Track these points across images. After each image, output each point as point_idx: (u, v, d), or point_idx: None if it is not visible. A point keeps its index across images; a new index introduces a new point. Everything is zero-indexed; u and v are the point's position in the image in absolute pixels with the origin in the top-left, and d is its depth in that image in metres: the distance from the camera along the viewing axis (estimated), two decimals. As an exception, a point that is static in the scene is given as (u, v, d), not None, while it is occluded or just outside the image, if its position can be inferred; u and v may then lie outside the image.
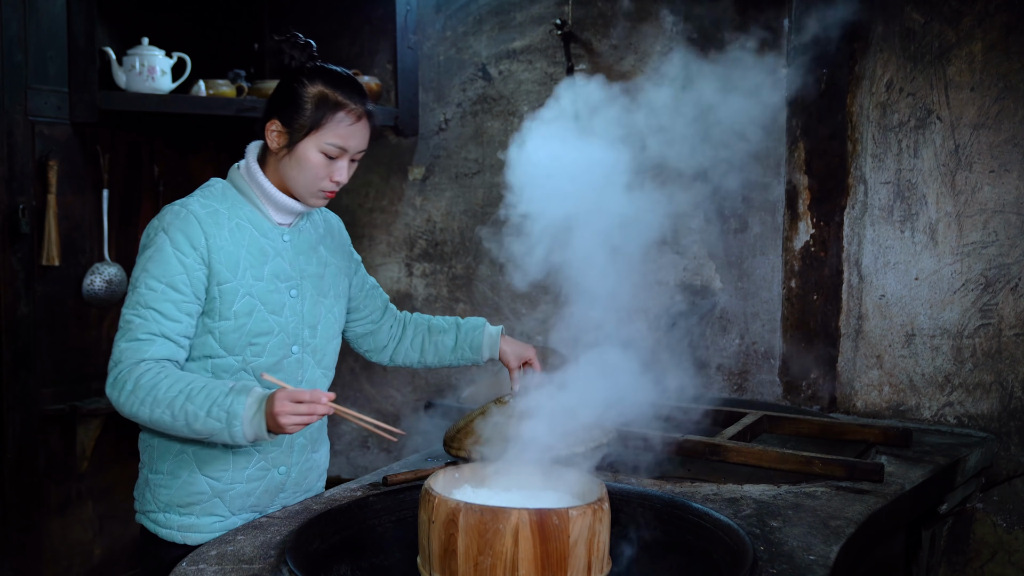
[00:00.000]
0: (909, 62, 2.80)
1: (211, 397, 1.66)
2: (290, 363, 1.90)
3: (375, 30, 3.63)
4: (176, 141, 3.53)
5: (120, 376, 1.71)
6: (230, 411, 1.64)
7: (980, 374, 2.74)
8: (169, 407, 1.67)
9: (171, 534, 1.86)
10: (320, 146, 1.81)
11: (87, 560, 3.28)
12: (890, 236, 2.85)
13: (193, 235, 1.77)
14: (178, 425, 1.67)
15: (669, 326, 3.25)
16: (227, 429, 1.65)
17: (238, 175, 1.90)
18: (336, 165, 1.84)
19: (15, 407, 2.97)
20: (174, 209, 1.81)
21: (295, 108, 1.80)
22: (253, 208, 1.87)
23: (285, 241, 1.90)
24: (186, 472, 1.85)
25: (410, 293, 3.67)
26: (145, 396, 1.68)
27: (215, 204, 1.84)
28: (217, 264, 1.79)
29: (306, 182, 1.84)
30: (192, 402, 1.66)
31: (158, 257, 1.76)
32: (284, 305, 1.88)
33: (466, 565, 1.46)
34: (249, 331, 1.83)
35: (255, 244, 1.85)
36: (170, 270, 1.75)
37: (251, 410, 1.65)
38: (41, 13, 2.96)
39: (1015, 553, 2.73)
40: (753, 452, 2.26)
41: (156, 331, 1.74)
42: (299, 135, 1.81)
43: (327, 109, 1.80)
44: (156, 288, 1.74)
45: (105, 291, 3.22)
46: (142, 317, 1.74)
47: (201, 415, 1.65)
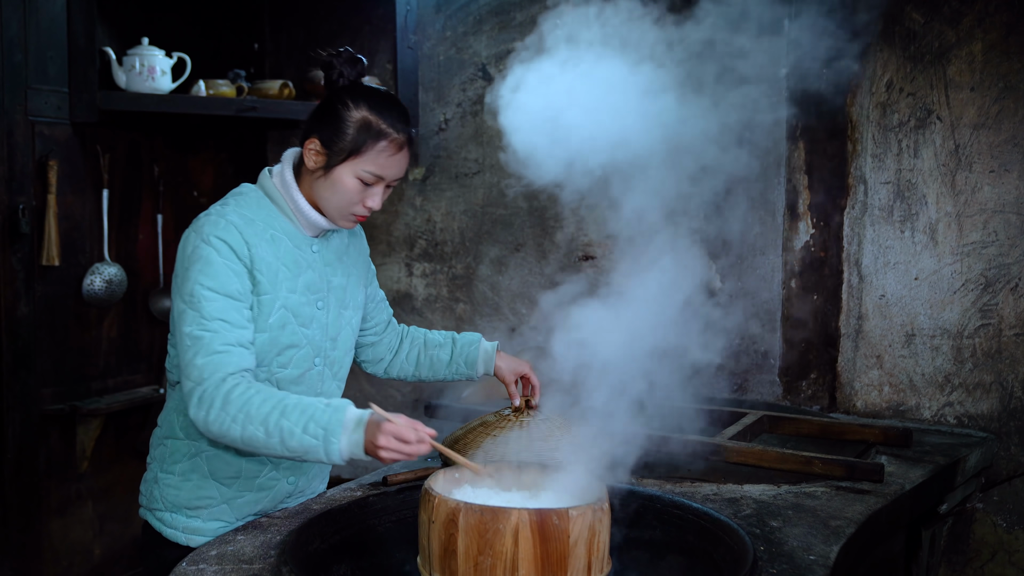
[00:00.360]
0: (909, 62, 2.80)
1: (307, 413, 1.61)
2: (311, 376, 1.89)
3: (375, 30, 3.63)
4: (176, 141, 3.53)
5: (206, 394, 1.65)
6: (327, 428, 1.59)
7: (980, 374, 2.74)
8: (263, 424, 1.61)
9: (175, 535, 1.86)
10: (357, 172, 1.76)
11: (87, 560, 3.28)
12: (890, 236, 2.85)
13: (236, 244, 1.73)
14: (272, 442, 1.62)
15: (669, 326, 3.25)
16: (323, 446, 1.59)
17: (271, 183, 1.84)
18: (371, 191, 1.80)
19: (15, 407, 2.97)
20: (211, 219, 1.75)
21: (336, 131, 1.75)
22: (286, 219, 1.83)
23: (315, 252, 1.87)
24: (198, 476, 1.84)
25: (410, 293, 3.67)
26: (236, 413, 1.62)
27: (250, 214, 1.79)
28: (259, 275, 1.76)
29: (339, 205, 1.80)
30: (287, 418, 1.60)
31: (209, 269, 1.70)
32: (313, 318, 1.86)
33: (466, 565, 1.46)
34: (280, 344, 1.81)
35: (290, 256, 1.82)
36: (224, 280, 1.71)
37: (348, 428, 1.60)
38: (41, 13, 2.96)
39: (1015, 553, 2.73)
40: (753, 452, 2.26)
41: (231, 341, 1.69)
42: (337, 159, 1.76)
43: (369, 136, 1.75)
44: (215, 299, 1.70)
45: (105, 291, 3.22)
46: (211, 330, 1.68)
47: (297, 432, 1.60)
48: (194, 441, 1.84)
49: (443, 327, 3.62)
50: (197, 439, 1.84)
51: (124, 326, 3.38)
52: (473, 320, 3.55)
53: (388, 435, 1.57)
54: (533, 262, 3.44)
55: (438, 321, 3.62)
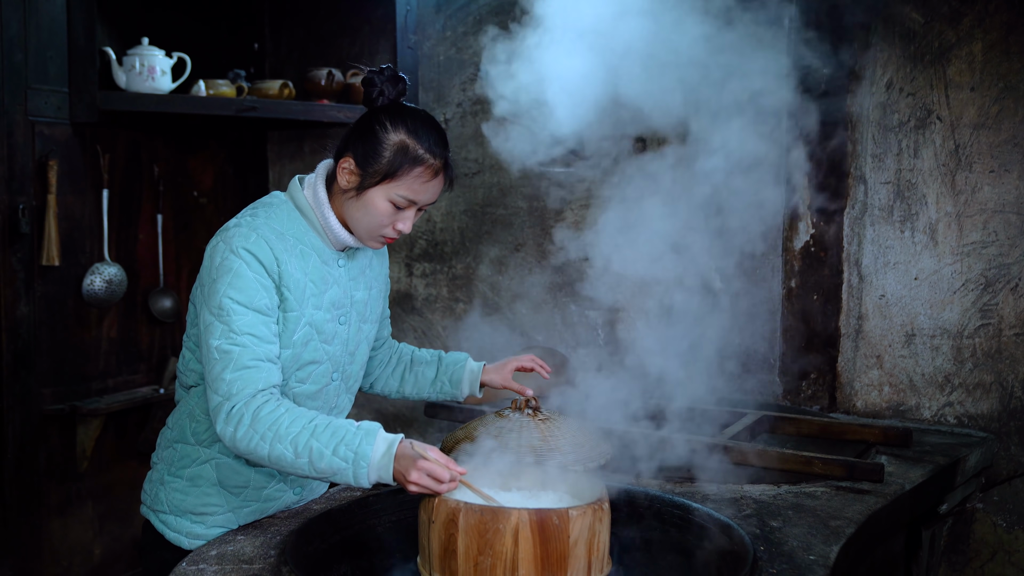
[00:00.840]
0: (909, 62, 2.80)
1: (337, 435, 1.59)
2: (329, 391, 1.87)
3: (375, 30, 3.63)
4: (176, 141, 3.53)
5: (235, 411, 1.63)
6: (358, 452, 1.58)
7: (980, 374, 2.74)
8: (292, 444, 1.60)
9: (178, 538, 1.85)
10: (391, 196, 1.73)
11: (87, 560, 3.28)
12: (890, 236, 2.85)
13: (266, 258, 1.70)
14: (300, 463, 1.60)
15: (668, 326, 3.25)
16: (352, 470, 1.58)
17: (301, 196, 1.80)
18: (403, 215, 1.76)
19: (15, 407, 2.97)
20: (242, 231, 1.71)
21: (373, 152, 1.72)
22: (315, 234, 1.81)
23: (340, 267, 1.85)
24: (205, 483, 1.83)
25: (410, 293, 3.67)
26: (265, 431, 1.61)
27: (280, 227, 1.76)
28: (286, 291, 1.74)
29: (369, 227, 1.77)
30: (317, 439, 1.59)
31: (239, 283, 1.67)
32: (336, 335, 1.84)
33: (466, 565, 1.46)
34: (301, 360, 1.79)
35: (318, 272, 1.79)
36: (254, 294, 1.68)
37: (379, 452, 1.58)
38: (41, 13, 2.96)
39: (1015, 553, 2.73)
40: (753, 452, 2.26)
41: (261, 356, 1.67)
42: (371, 180, 1.73)
43: (406, 161, 1.71)
44: (245, 314, 1.67)
45: (105, 291, 3.22)
46: (240, 345, 1.66)
47: (327, 454, 1.58)
48: (205, 448, 1.83)
49: (443, 327, 3.62)
50: (208, 446, 1.83)
51: (124, 326, 3.38)
52: (473, 320, 3.55)
53: (422, 472, 1.54)
54: (533, 262, 3.44)
55: (438, 321, 3.62)
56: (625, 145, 3.26)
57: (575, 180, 3.35)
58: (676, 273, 3.23)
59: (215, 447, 1.82)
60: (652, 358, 3.27)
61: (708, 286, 3.19)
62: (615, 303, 3.32)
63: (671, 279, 3.24)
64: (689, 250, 3.21)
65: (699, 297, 3.20)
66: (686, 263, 3.21)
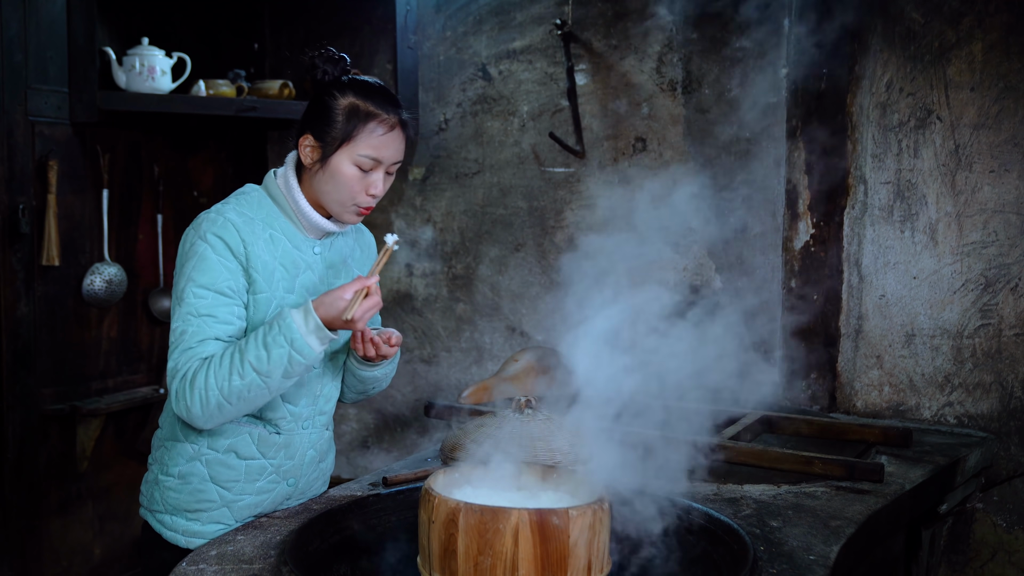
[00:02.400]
0: (909, 62, 2.80)
1: (258, 337, 1.67)
2: (311, 377, 1.90)
3: (375, 30, 3.63)
4: (176, 141, 3.53)
5: (180, 388, 1.70)
6: (283, 330, 1.66)
7: (980, 374, 2.74)
8: (230, 374, 1.67)
9: (175, 537, 1.86)
10: (353, 158, 1.78)
11: (87, 560, 3.28)
12: (890, 236, 2.85)
13: (232, 242, 1.76)
14: (251, 379, 1.67)
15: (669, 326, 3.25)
16: (290, 348, 1.66)
17: (274, 184, 1.86)
18: (371, 178, 1.80)
19: (15, 407, 2.97)
20: (210, 216, 1.78)
21: (327, 121, 1.78)
22: (287, 219, 1.85)
23: (316, 254, 1.88)
24: (197, 479, 1.84)
25: (410, 293, 3.67)
26: (203, 383, 1.68)
27: (250, 213, 1.81)
28: (254, 273, 1.78)
29: (340, 197, 1.81)
30: (247, 353, 1.67)
31: (202, 266, 1.74)
32: None
33: (466, 565, 1.46)
34: None
35: (288, 256, 1.83)
36: (217, 277, 1.74)
37: (299, 317, 1.67)
38: (41, 13, 2.96)
39: (1015, 553, 2.73)
40: (753, 452, 2.26)
41: (209, 335, 1.72)
42: (332, 148, 1.78)
43: (358, 120, 1.77)
44: (205, 296, 1.73)
45: (105, 291, 3.22)
46: (194, 326, 1.72)
47: (264, 355, 1.66)
48: (192, 444, 1.84)
49: (443, 327, 3.62)
50: (196, 441, 1.84)
51: (124, 326, 3.38)
52: (473, 320, 3.55)
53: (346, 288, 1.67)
54: (533, 262, 3.44)
55: (438, 321, 3.62)
56: (625, 145, 3.26)
57: (575, 180, 3.35)
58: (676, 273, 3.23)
59: (202, 442, 1.84)
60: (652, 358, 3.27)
61: (708, 286, 3.19)
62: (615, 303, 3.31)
63: (671, 279, 3.24)
64: (689, 250, 3.21)
65: (699, 297, 3.21)
66: (686, 263, 3.22)
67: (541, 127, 3.38)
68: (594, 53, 3.28)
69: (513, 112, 3.43)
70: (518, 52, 3.41)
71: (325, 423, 1.99)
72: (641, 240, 3.27)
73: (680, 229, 3.22)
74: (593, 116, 3.29)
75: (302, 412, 1.90)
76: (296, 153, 1.87)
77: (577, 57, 3.29)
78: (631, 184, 3.27)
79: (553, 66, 3.35)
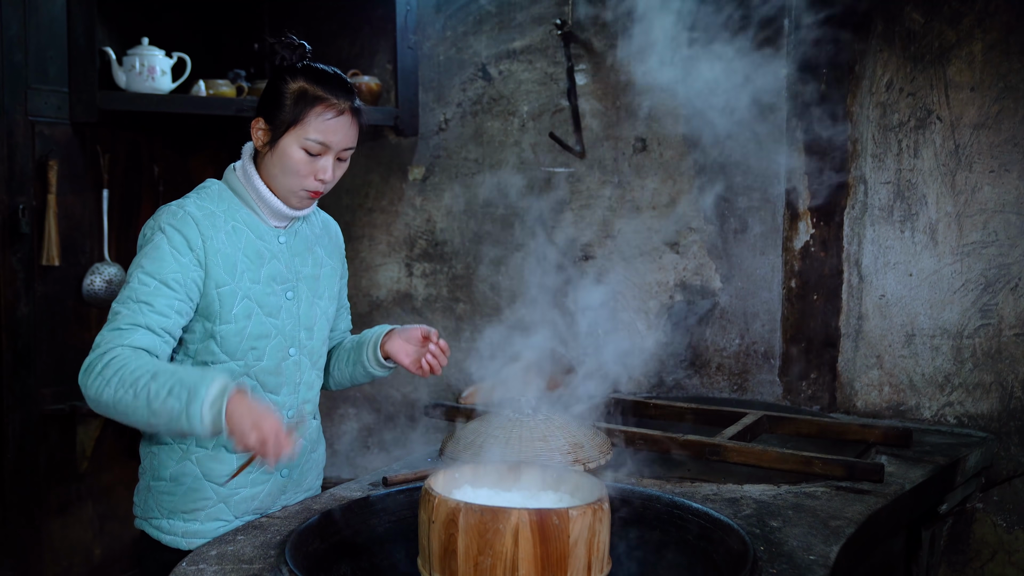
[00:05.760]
0: (909, 62, 2.80)
1: (176, 376, 1.57)
2: (288, 366, 1.90)
3: (375, 30, 3.63)
4: (176, 141, 3.53)
5: (92, 361, 1.65)
6: (191, 391, 1.53)
7: (980, 374, 2.74)
8: (132, 386, 1.58)
9: (175, 540, 1.85)
10: (301, 142, 1.79)
11: (87, 560, 3.28)
12: (890, 236, 2.85)
13: (190, 236, 1.76)
14: (138, 405, 1.57)
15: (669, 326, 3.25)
16: (185, 410, 1.53)
17: (234, 176, 1.89)
18: (319, 163, 1.81)
19: (15, 407, 2.97)
20: (171, 209, 1.80)
21: (277, 105, 1.80)
22: (249, 210, 1.87)
23: (281, 243, 1.90)
24: (190, 479, 1.84)
25: (410, 293, 3.67)
26: (112, 376, 1.60)
27: (211, 206, 1.83)
28: (215, 267, 1.78)
29: (288, 181, 1.82)
30: (156, 381, 1.57)
31: (154, 254, 1.74)
32: (281, 308, 1.87)
33: (466, 565, 1.46)
34: (249, 334, 1.83)
35: (251, 247, 1.84)
36: (164, 267, 1.73)
37: (213, 392, 1.54)
38: (41, 13, 2.96)
39: (1015, 553, 2.73)
40: (753, 452, 2.26)
41: (141, 322, 1.69)
42: (280, 131, 1.79)
43: (306, 104, 1.78)
44: (149, 284, 1.72)
45: (105, 291, 3.22)
46: (129, 309, 1.70)
47: (163, 394, 1.55)
48: (180, 444, 1.84)
49: (443, 327, 3.62)
50: (184, 442, 1.84)
51: (124, 326, 3.37)
52: (473, 320, 3.55)
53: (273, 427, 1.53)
54: (533, 262, 3.44)
55: (438, 321, 3.62)
56: (625, 145, 3.26)
57: (575, 180, 3.35)
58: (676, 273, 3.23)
59: (190, 441, 1.84)
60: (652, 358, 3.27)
61: (708, 286, 3.19)
62: (615, 303, 3.32)
63: (671, 279, 3.24)
64: (689, 250, 3.21)
65: (699, 297, 3.21)
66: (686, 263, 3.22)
67: (541, 127, 3.38)
68: (594, 53, 3.28)
69: (513, 112, 3.43)
70: (518, 52, 3.41)
71: (311, 412, 1.99)
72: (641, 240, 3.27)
73: (680, 229, 3.22)
74: (593, 116, 3.29)
75: (285, 401, 1.91)
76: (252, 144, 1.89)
77: (577, 57, 3.29)
78: (631, 184, 3.27)
79: (553, 66, 3.35)
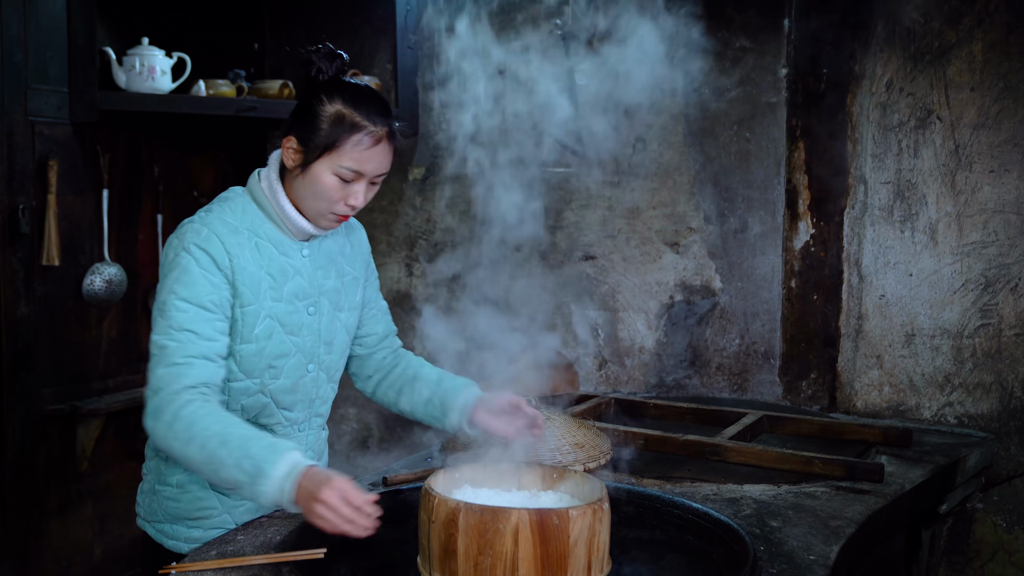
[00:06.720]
0: (909, 62, 2.80)
1: (245, 448, 1.56)
2: (305, 382, 1.86)
3: (375, 30, 3.63)
4: (176, 141, 3.53)
5: (160, 405, 1.63)
6: (260, 467, 1.54)
7: (980, 374, 2.74)
8: (201, 448, 1.58)
9: (178, 545, 1.84)
10: (334, 169, 1.71)
11: (87, 560, 3.27)
12: (890, 236, 2.85)
13: (217, 255, 1.70)
14: (205, 468, 1.59)
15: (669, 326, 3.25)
16: (251, 485, 1.54)
17: (259, 188, 1.80)
18: (352, 188, 1.74)
19: (15, 407, 2.97)
20: (194, 227, 1.72)
21: (311, 126, 1.71)
22: (272, 225, 1.80)
23: (304, 256, 1.83)
24: (196, 487, 1.82)
25: (410, 293, 3.67)
26: (182, 430, 1.59)
27: (235, 221, 1.76)
28: (241, 285, 1.73)
29: (317, 205, 1.75)
30: (225, 448, 1.56)
31: (185, 278, 1.68)
32: (303, 325, 1.82)
33: (466, 565, 1.46)
34: (268, 353, 1.78)
35: (275, 264, 1.78)
36: (199, 291, 1.68)
37: (280, 471, 1.54)
38: (41, 13, 2.96)
39: (1015, 553, 2.73)
40: (753, 452, 2.26)
41: (194, 352, 1.66)
42: (313, 155, 1.71)
43: (343, 130, 1.69)
44: (187, 310, 1.67)
45: (105, 291, 3.22)
46: (177, 340, 1.65)
47: (229, 463, 1.55)
48: None
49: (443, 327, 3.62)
50: None
51: (124, 326, 3.37)
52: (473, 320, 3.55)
53: (335, 491, 1.50)
54: (533, 262, 3.44)
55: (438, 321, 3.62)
56: (625, 145, 3.26)
57: (575, 180, 3.35)
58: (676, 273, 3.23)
59: None
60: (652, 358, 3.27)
61: (708, 286, 3.19)
62: (615, 303, 3.32)
63: (671, 279, 3.24)
64: (689, 250, 3.21)
65: (699, 297, 3.21)
66: (686, 263, 3.22)
67: (541, 127, 3.38)
68: (594, 53, 3.28)
69: (513, 112, 3.43)
70: (518, 52, 3.41)
71: (321, 424, 1.97)
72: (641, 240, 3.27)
73: (680, 229, 3.22)
74: (593, 116, 3.29)
75: (298, 417, 1.88)
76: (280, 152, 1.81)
77: (577, 57, 3.29)
78: (631, 184, 3.27)
79: (553, 66, 3.35)
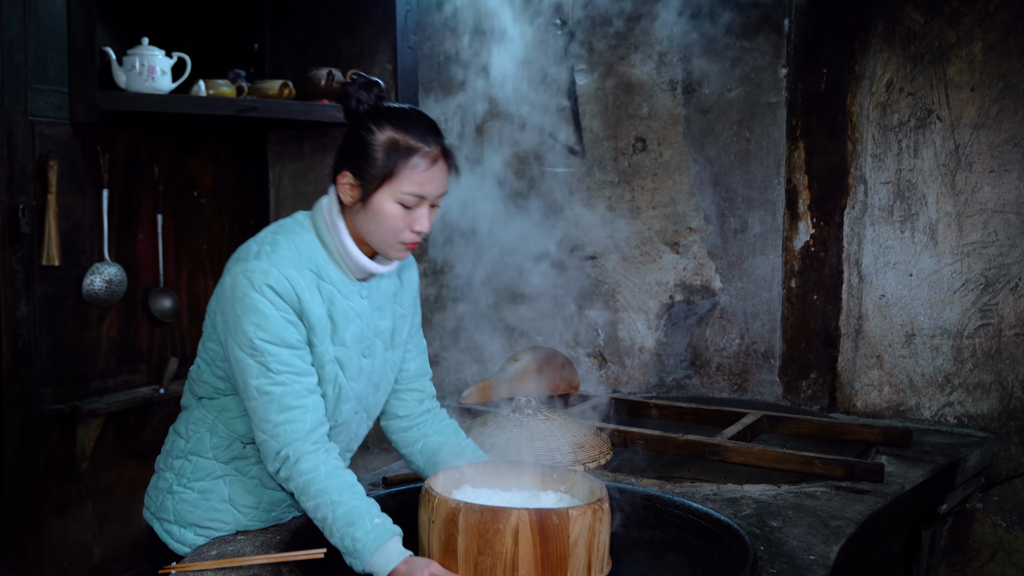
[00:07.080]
0: (909, 62, 2.80)
1: (352, 524, 1.59)
2: (350, 424, 1.84)
3: (375, 30, 3.63)
4: (176, 141, 3.53)
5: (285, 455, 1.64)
6: (359, 549, 1.57)
7: (980, 374, 2.74)
8: (314, 507, 1.63)
9: (181, 548, 1.82)
10: (396, 196, 1.67)
11: (87, 560, 3.27)
12: (890, 236, 2.85)
13: (287, 294, 1.66)
14: (317, 524, 1.64)
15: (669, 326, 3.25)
16: (347, 557, 1.59)
17: (323, 225, 1.74)
18: (416, 214, 1.69)
19: (15, 407, 2.97)
20: (262, 266, 1.66)
21: (365, 158, 1.66)
22: (334, 265, 1.74)
23: (363, 299, 1.79)
24: (216, 498, 1.80)
25: (410, 293, 3.67)
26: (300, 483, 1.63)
27: (300, 260, 1.71)
28: (307, 328, 1.70)
29: (385, 236, 1.70)
30: (333, 513, 1.60)
31: (267, 323, 1.64)
32: (361, 370, 1.80)
33: (466, 565, 1.46)
34: (330, 397, 1.76)
35: (337, 308, 1.74)
36: (283, 332, 1.65)
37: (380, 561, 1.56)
38: (41, 13, 2.96)
39: (1015, 553, 2.73)
40: (753, 452, 2.26)
41: (302, 391, 1.66)
42: (372, 187, 1.66)
43: (399, 156, 1.66)
44: (278, 352, 1.64)
45: (105, 291, 3.22)
46: (281, 384, 1.64)
47: (335, 534, 1.60)
48: (222, 463, 1.80)
49: (443, 327, 3.62)
50: (226, 462, 1.80)
51: (124, 326, 3.38)
52: (473, 320, 3.55)
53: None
54: (533, 262, 3.44)
55: (438, 321, 3.62)
56: (625, 145, 3.26)
57: (575, 180, 3.35)
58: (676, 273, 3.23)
59: (232, 464, 1.80)
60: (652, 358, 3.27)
61: (708, 286, 3.19)
62: (615, 303, 3.32)
63: (671, 279, 3.24)
64: (689, 250, 3.21)
65: (699, 297, 3.21)
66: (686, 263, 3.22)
67: (541, 127, 3.38)
68: (594, 53, 3.28)
69: (513, 112, 3.43)
70: (518, 51, 3.41)
71: (348, 460, 1.93)
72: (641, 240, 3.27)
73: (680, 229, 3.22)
74: (593, 116, 3.29)
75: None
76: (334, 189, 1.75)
77: (577, 57, 3.29)
78: (631, 184, 3.27)
79: (553, 66, 3.35)
